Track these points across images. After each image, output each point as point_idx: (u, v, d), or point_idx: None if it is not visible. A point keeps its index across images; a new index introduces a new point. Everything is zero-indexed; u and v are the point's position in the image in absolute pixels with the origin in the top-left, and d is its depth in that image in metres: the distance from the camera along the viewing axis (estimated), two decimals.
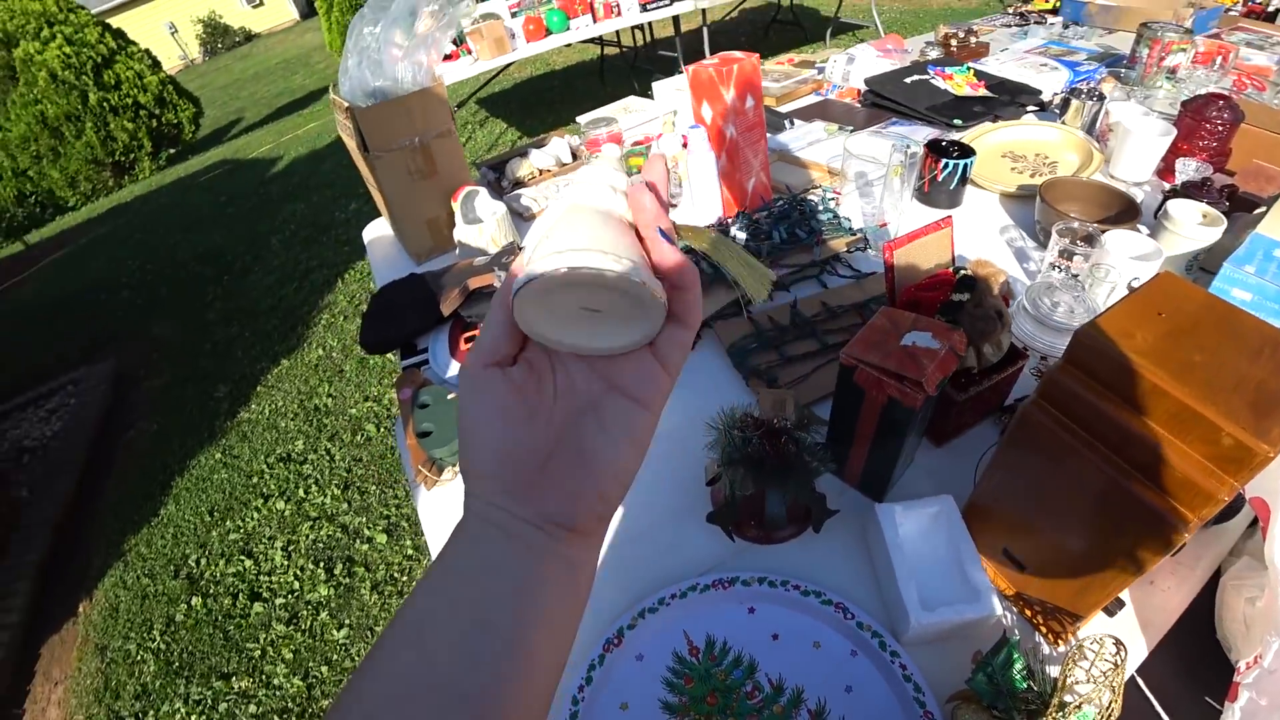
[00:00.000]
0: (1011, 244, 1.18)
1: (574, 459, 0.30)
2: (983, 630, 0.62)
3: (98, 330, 4.14)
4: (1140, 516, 0.49)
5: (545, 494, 0.30)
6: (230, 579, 2.22)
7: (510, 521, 0.29)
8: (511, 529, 0.29)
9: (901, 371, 0.58)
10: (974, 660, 0.57)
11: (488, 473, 0.30)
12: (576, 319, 0.29)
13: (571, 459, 0.30)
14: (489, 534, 0.29)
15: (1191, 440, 0.45)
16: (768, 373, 0.83)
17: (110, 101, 7.57)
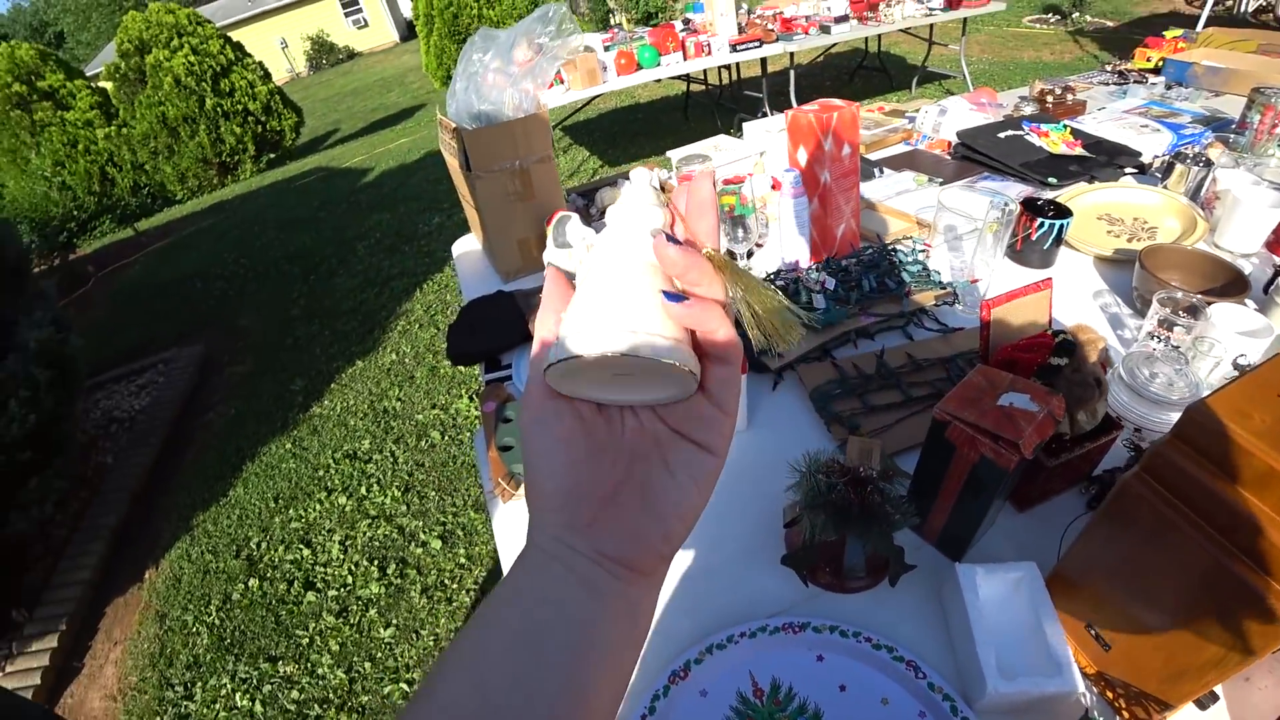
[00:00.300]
0: (1105, 309, 1.14)
1: (639, 498, 0.30)
2: (1061, 707, 0.60)
3: (191, 316, 4.41)
4: (1245, 603, 0.47)
5: (609, 531, 0.29)
6: (287, 565, 2.30)
7: (572, 556, 0.29)
8: (573, 564, 0.29)
9: (998, 431, 0.57)
10: None
11: (551, 506, 0.29)
12: (610, 380, 0.29)
13: (636, 498, 0.30)
14: (550, 568, 0.29)
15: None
16: (850, 420, 0.83)
17: (223, 107, 8.17)
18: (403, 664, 1.90)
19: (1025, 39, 7.20)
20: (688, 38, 4.12)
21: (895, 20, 4.60)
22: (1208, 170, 1.36)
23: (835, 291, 0.97)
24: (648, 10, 10.64)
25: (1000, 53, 6.75)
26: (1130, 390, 0.86)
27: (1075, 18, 7.43)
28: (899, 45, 7.01)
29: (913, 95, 5.68)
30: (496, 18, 8.34)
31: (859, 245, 1.16)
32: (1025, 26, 7.76)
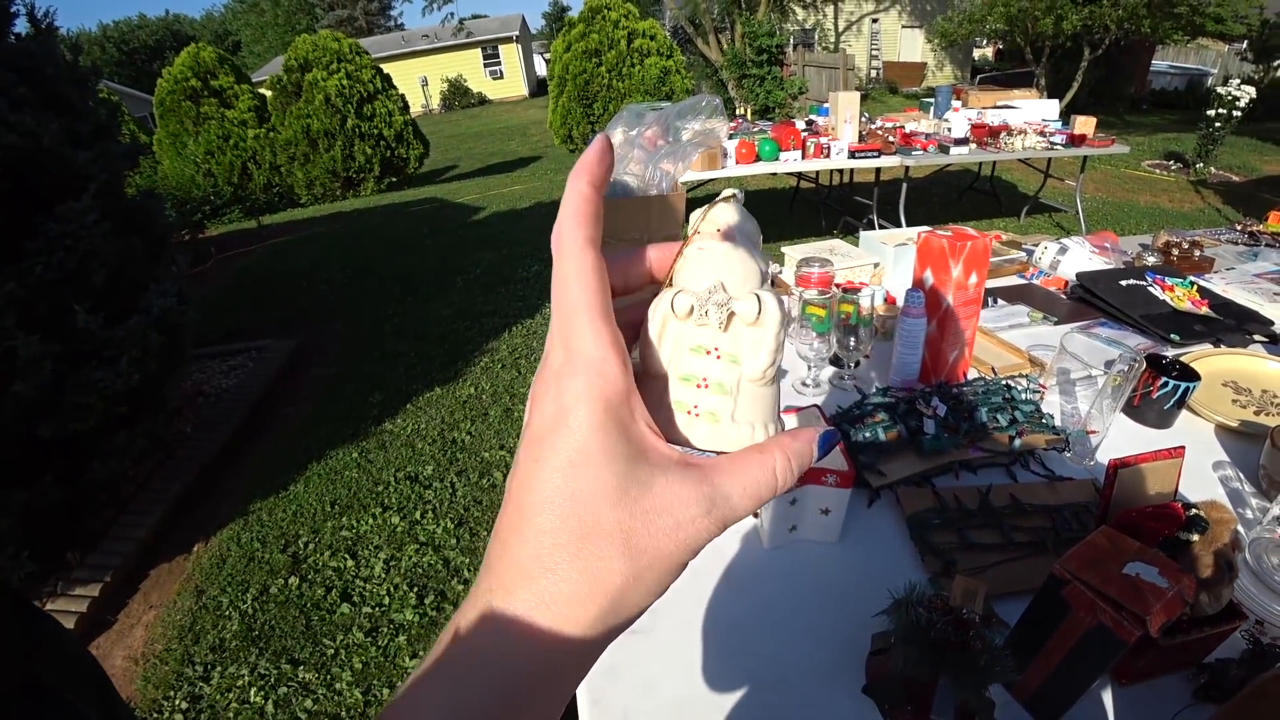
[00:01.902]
0: (1226, 483, 1.08)
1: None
2: None
3: (291, 311, 4.69)
4: None
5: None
6: (329, 572, 2.32)
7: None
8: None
9: (1122, 601, 0.54)
10: None
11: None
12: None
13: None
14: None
15: None
16: (946, 554, 0.80)
17: (361, 129, 8.87)
18: None
19: (1143, 183, 7.07)
20: (809, 138, 4.25)
21: (1016, 150, 4.62)
22: None
23: (945, 418, 0.95)
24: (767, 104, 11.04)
25: (1116, 193, 6.64)
26: (1255, 578, 0.80)
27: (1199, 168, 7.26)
28: (1011, 173, 7.00)
29: (1021, 223, 5.62)
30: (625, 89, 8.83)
31: (967, 373, 1.14)
32: (1145, 170, 7.63)
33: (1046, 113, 5.55)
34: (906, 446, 0.93)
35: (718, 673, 0.74)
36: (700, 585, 0.86)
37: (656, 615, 0.82)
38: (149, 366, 2.75)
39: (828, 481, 0.79)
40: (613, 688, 0.75)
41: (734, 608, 0.82)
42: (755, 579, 0.84)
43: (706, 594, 0.84)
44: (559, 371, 0.23)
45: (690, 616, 0.82)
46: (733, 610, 0.81)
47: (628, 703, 0.73)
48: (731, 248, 0.25)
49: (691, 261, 0.25)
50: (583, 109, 9.24)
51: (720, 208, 0.27)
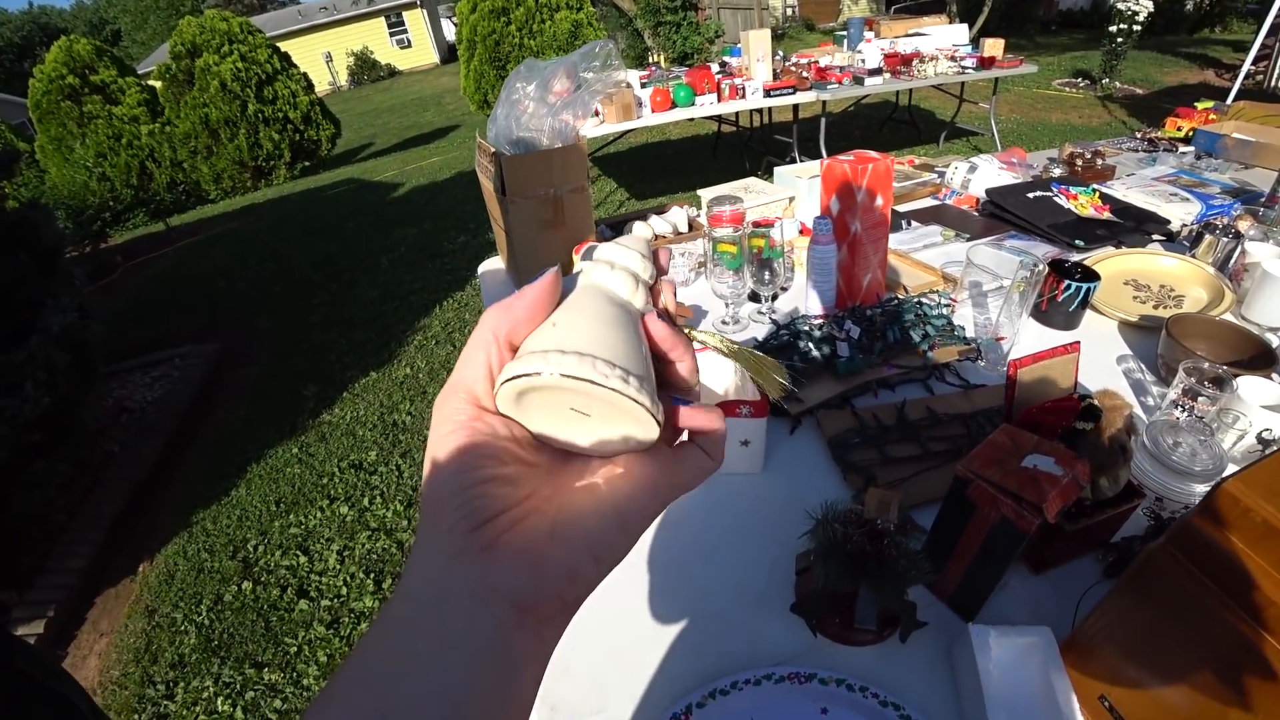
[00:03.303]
0: (1129, 375, 1.13)
1: (548, 522, 0.26)
2: None
3: (211, 313, 4.47)
4: (1269, 687, 0.45)
5: (506, 558, 0.25)
6: (283, 571, 2.28)
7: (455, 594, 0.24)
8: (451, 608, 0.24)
9: (1021, 493, 0.57)
10: None
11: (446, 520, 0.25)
12: (564, 415, 0.27)
13: (545, 522, 0.26)
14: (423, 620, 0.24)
15: None
16: (867, 470, 0.82)
17: (265, 113, 8.39)
18: None
19: (1054, 101, 7.28)
20: (723, 80, 4.21)
21: (928, 76, 4.67)
22: (1237, 242, 1.36)
23: (859, 340, 0.97)
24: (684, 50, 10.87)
25: (1029, 113, 6.83)
26: (1153, 459, 0.85)
27: (1105, 83, 7.51)
28: (929, 100, 7.11)
29: (940, 150, 5.74)
30: (537, 47, 8.54)
31: (884, 296, 1.16)
32: (1055, 89, 7.85)
33: (957, 38, 5.62)
34: (823, 371, 0.95)
35: (652, 613, 0.75)
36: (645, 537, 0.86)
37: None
38: (58, 388, 2.60)
39: (743, 413, 0.80)
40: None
41: (665, 548, 0.83)
42: (683, 518, 0.85)
43: (643, 544, 0.85)
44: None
45: (628, 564, 0.82)
46: (664, 551, 0.82)
47: (564, 655, 0.73)
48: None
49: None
50: (496, 71, 8.92)
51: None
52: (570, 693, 0.69)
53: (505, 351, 0.27)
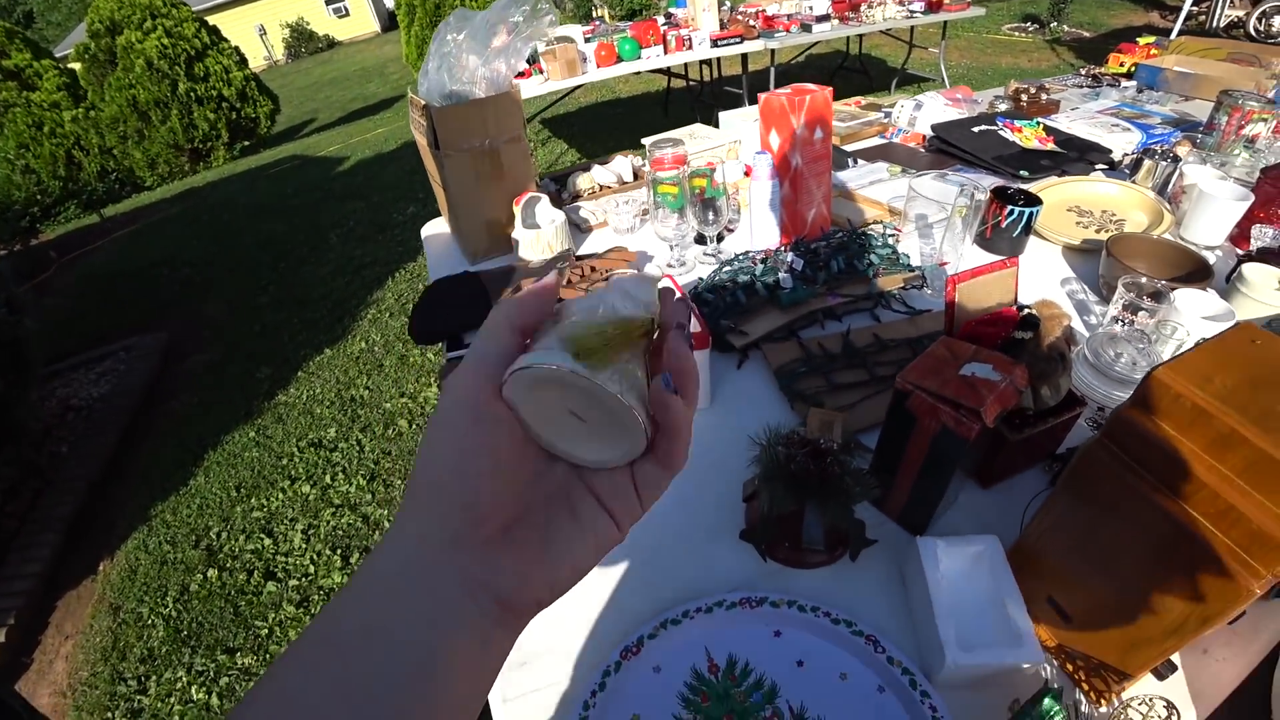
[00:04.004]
0: (1073, 296, 1.15)
1: (538, 537, 0.28)
2: (1021, 679, 0.59)
3: (156, 303, 4.30)
4: (1205, 569, 0.46)
5: (498, 561, 0.26)
6: (248, 555, 2.24)
7: (442, 581, 0.25)
8: (440, 591, 0.25)
9: (959, 400, 0.56)
10: (1010, 709, 0.54)
11: (446, 513, 0.26)
12: (562, 419, 0.28)
13: (536, 536, 0.28)
14: (406, 596, 0.25)
15: (1270, 491, 0.43)
16: (814, 398, 0.82)
17: (197, 92, 7.98)
18: None
19: (1004, 46, 7.30)
20: (669, 31, 4.11)
21: (876, 21, 4.63)
22: (1175, 166, 1.38)
23: (803, 272, 0.96)
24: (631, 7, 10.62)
25: (979, 58, 6.84)
26: (1094, 370, 0.86)
27: (1053, 27, 7.56)
28: (880, 48, 7.07)
29: (892, 96, 5.73)
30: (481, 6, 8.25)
31: (829, 230, 1.15)
32: (1004, 34, 7.88)
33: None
34: (767, 304, 0.93)
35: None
36: None
37: None
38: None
39: None
40: None
41: None
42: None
43: None
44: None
45: None
46: None
47: None
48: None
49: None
50: None
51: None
52: (522, 635, 0.68)
53: (519, 340, 0.28)
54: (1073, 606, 0.60)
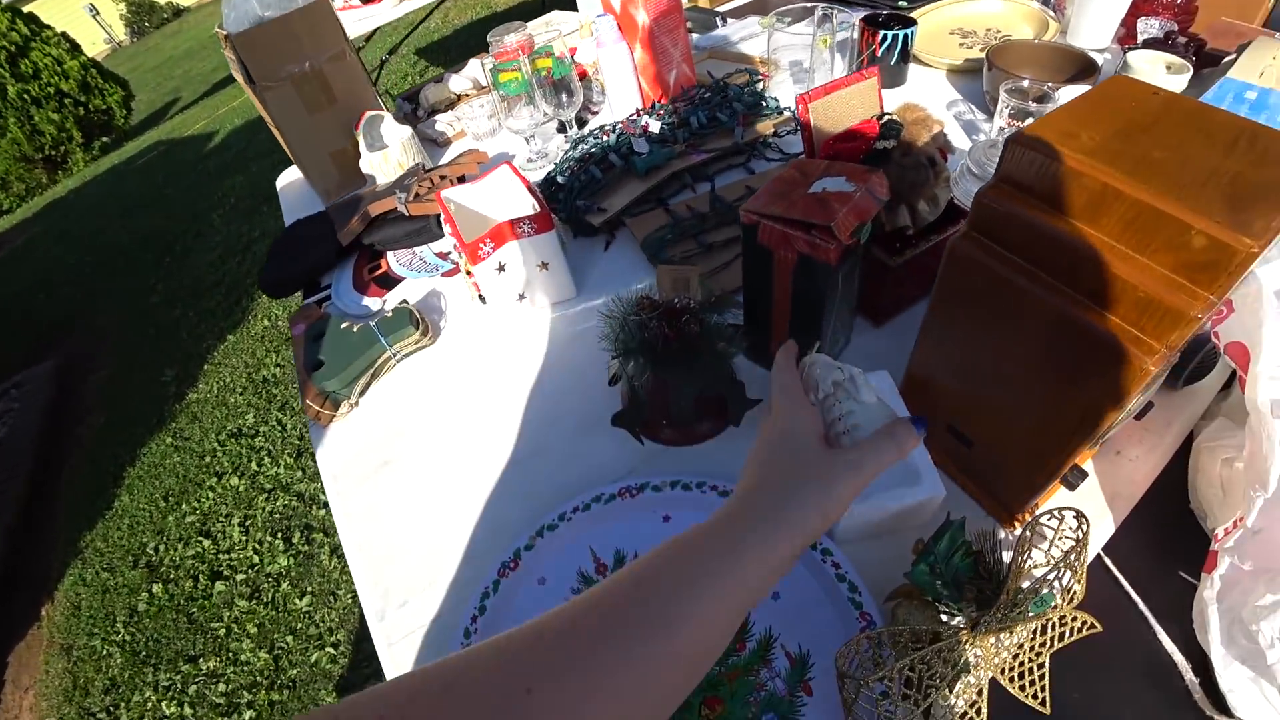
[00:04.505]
0: (960, 118, 1.09)
1: None
2: (925, 517, 0.55)
3: (37, 331, 3.95)
4: (1096, 353, 0.40)
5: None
6: (190, 561, 2.15)
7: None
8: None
9: (809, 219, 0.49)
10: (915, 550, 0.49)
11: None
12: None
13: None
14: None
15: (1154, 250, 0.36)
16: (685, 263, 0.74)
17: (31, 93, 7.14)
18: (325, 629, 1.82)
19: None
20: None
21: None
22: None
23: (661, 133, 0.86)
24: None
25: None
26: (980, 181, 0.80)
27: None
28: None
29: None
30: None
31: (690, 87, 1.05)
32: None
33: None
34: (626, 175, 0.84)
35: (473, 470, 0.68)
36: (453, 391, 0.77)
37: (401, 443, 0.74)
38: None
39: (524, 231, 0.69)
40: (375, 528, 0.67)
41: (478, 399, 0.76)
42: (493, 364, 0.78)
43: (460, 398, 0.76)
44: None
45: (441, 427, 0.74)
46: (476, 403, 0.75)
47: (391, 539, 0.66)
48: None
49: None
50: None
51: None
52: (400, 573, 0.63)
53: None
54: (972, 430, 0.55)
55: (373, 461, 0.74)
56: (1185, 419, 0.63)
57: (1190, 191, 0.35)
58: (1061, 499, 0.58)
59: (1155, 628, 0.51)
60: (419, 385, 0.80)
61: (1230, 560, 0.46)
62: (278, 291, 1.07)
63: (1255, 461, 0.46)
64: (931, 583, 0.46)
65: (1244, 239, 0.33)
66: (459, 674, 0.27)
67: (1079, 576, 0.45)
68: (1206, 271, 0.35)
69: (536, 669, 0.27)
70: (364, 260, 1.06)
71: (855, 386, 0.41)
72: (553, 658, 0.28)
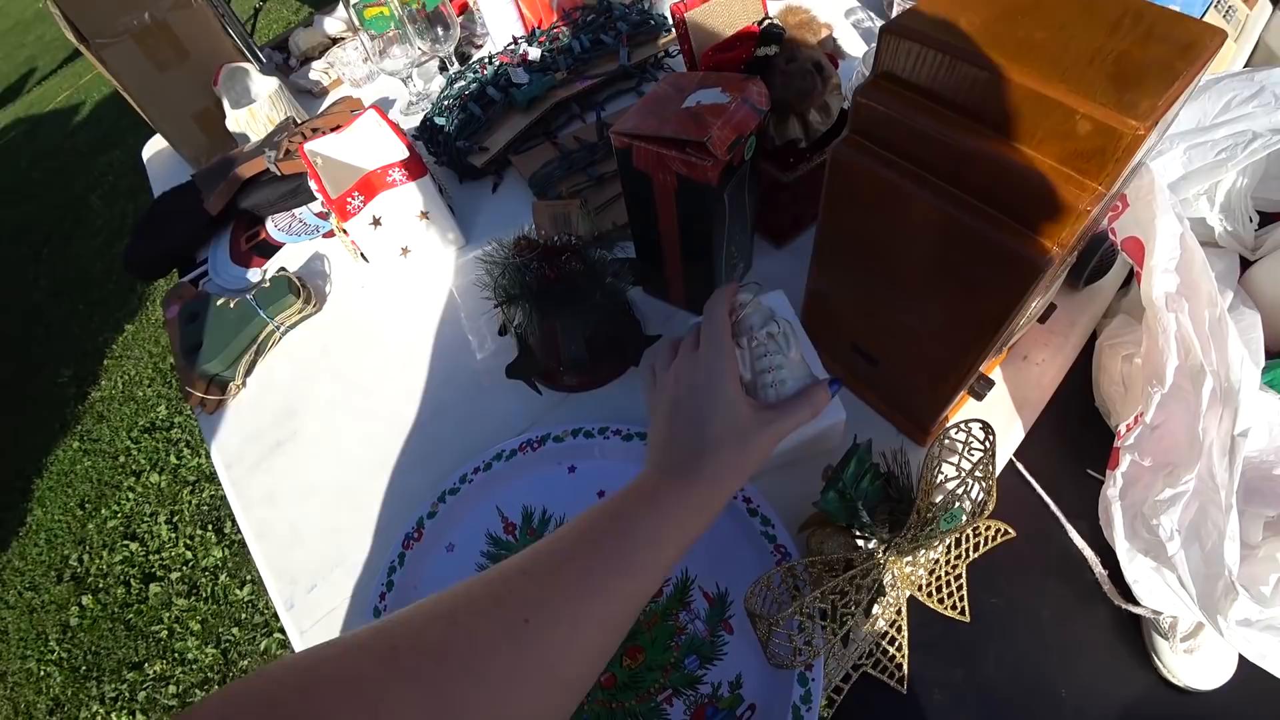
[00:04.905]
0: (859, 26, 1.05)
1: None
2: (832, 443, 0.54)
3: None
4: (988, 257, 0.38)
5: None
6: (118, 567, 2.05)
7: None
8: None
9: (682, 136, 0.45)
10: (825, 477, 0.48)
11: None
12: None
13: None
14: None
15: (1039, 140, 0.34)
16: (576, 197, 0.69)
17: None
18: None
19: None
20: None
21: None
22: None
23: (542, 60, 0.80)
24: None
25: None
26: None
27: None
28: None
29: None
30: None
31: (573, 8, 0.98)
32: None
33: None
34: (509, 110, 0.78)
35: (372, 444, 0.64)
36: (344, 359, 0.73)
37: (294, 421, 0.70)
38: None
39: (395, 180, 0.64)
40: (275, 513, 0.63)
41: (368, 369, 0.71)
42: (396, 324, 0.73)
43: (352, 365, 0.72)
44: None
45: (334, 398, 0.70)
46: (366, 372, 0.71)
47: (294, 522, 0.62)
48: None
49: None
50: None
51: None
52: (306, 557, 0.60)
53: None
54: (876, 348, 0.54)
55: (266, 443, 0.70)
56: (1088, 318, 0.63)
57: (1074, 74, 0.32)
58: (971, 410, 0.58)
59: (1066, 526, 0.52)
60: (307, 357, 0.75)
61: (1131, 458, 0.47)
62: (147, 273, 0.98)
63: (1152, 357, 0.46)
64: (842, 509, 0.45)
65: (1129, 121, 0.31)
66: (460, 608, 0.31)
67: (989, 488, 0.45)
68: (1094, 160, 0.33)
69: (531, 599, 0.31)
70: (241, 229, 0.97)
71: (787, 342, 0.42)
72: (543, 593, 0.31)
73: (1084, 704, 0.46)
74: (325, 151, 0.73)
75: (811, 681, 0.42)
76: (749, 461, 0.38)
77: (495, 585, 0.32)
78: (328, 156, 0.74)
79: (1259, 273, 0.53)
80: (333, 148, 0.73)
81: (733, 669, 0.46)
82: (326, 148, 0.73)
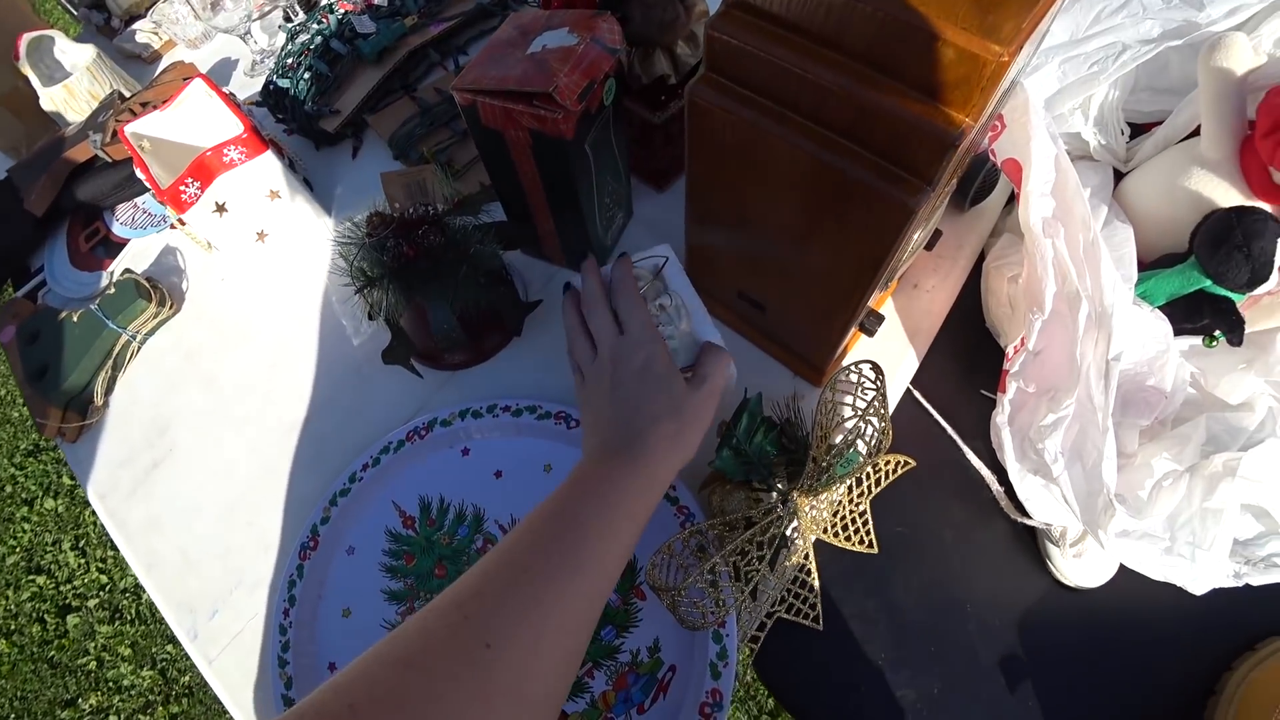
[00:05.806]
0: None
1: None
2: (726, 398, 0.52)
3: None
4: (858, 198, 0.36)
5: None
6: (28, 605, 1.90)
7: None
8: None
9: (526, 88, 0.41)
10: (720, 434, 0.47)
11: None
12: None
13: None
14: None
15: (901, 69, 0.32)
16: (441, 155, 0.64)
17: None
18: None
19: None
20: None
21: None
22: None
23: (389, 5, 0.72)
24: None
25: None
26: None
27: None
28: None
29: None
30: None
31: None
32: None
33: None
34: (360, 65, 0.71)
35: (256, 452, 0.59)
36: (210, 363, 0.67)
37: (167, 438, 0.64)
38: None
39: (233, 159, 0.57)
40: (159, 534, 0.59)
41: (253, 364, 0.65)
42: (260, 318, 0.67)
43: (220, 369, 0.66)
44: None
45: (208, 408, 0.65)
46: (245, 377, 0.65)
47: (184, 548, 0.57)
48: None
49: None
50: None
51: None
52: (202, 583, 0.56)
53: None
54: (761, 293, 0.52)
55: (141, 466, 0.64)
56: (975, 240, 0.63)
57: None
58: (864, 344, 0.58)
59: (963, 449, 0.53)
60: (171, 366, 0.68)
61: (1017, 385, 0.47)
62: None
63: (1032, 284, 0.46)
64: (737, 466, 0.45)
65: (993, 46, 0.28)
66: (415, 646, 0.29)
67: (884, 427, 0.45)
68: (959, 89, 0.30)
69: (489, 624, 0.30)
70: (78, 227, 0.87)
71: (679, 314, 0.43)
72: (502, 610, 0.31)
73: (987, 614, 0.48)
74: (151, 132, 0.65)
75: (726, 638, 0.42)
76: (688, 429, 0.40)
77: (449, 614, 0.31)
78: (155, 138, 0.65)
79: (1130, 185, 0.54)
80: (160, 127, 0.65)
81: (649, 634, 0.45)
82: (152, 128, 0.65)
